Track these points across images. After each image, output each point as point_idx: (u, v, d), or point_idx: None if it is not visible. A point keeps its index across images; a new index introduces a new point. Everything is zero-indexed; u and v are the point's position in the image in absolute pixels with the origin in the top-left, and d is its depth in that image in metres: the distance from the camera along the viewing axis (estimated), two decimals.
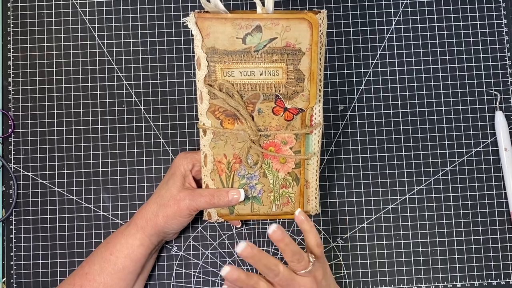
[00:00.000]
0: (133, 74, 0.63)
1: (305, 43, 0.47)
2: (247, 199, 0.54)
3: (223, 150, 0.52)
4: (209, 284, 0.60)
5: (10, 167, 0.62)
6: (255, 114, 0.50)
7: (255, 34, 0.46)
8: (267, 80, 0.48)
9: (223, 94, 0.49)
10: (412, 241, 0.61)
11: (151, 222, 0.53)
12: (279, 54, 0.47)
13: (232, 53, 0.47)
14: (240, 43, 0.47)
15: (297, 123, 0.51)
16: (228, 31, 0.46)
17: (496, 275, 0.60)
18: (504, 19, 0.64)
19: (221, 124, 0.51)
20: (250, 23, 0.46)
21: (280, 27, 0.46)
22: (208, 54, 0.47)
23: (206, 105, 0.50)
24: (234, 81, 0.48)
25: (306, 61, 0.48)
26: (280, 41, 0.47)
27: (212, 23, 0.46)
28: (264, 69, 0.48)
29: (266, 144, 0.52)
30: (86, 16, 0.64)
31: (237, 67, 0.48)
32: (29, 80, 0.63)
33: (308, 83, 0.48)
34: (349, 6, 0.64)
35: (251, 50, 0.47)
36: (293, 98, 0.49)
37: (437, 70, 0.63)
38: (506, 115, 0.62)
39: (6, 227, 0.61)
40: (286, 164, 0.53)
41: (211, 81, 0.49)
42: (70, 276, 0.55)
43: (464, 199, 0.61)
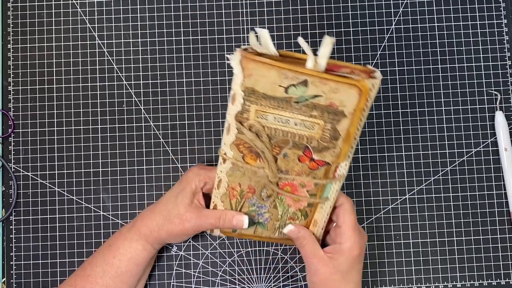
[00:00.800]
0: (133, 74, 0.63)
1: (350, 108, 0.44)
2: (252, 223, 0.54)
3: (239, 180, 0.51)
4: (209, 284, 0.60)
5: (10, 167, 0.62)
6: (279, 156, 0.48)
7: (300, 87, 0.44)
8: (301, 131, 0.46)
9: (252, 135, 0.47)
10: (412, 241, 0.61)
11: (154, 233, 0.54)
12: (319, 111, 0.45)
13: (271, 98, 0.45)
14: (281, 91, 0.44)
15: (320, 172, 0.49)
16: (272, 77, 0.43)
17: (496, 275, 0.60)
18: (504, 19, 0.64)
19: (243, 158, 0.49)
20: (297, 76, 0.43)
21: (327, 87, 0.43)
22: (246, 93, 0.45)
23: (232, 137, 0.48)
24: (266, 124, 0.46)
25: (346, 123, 0.45)
26: (324, 100, 0.44)
27: (257, 65, 0.43)
28: (300, 121, 0.45)
29: (283, 183, 0.50)
30: (86, 16, 0.64)
31: (272, 112, 0.45)
32: (29, 80, 0.63)
33: (342, 143, 0.46)
34: (349, 6, 0.64)
35: (291, 100, 0.44)
36: (323, 151, 0.47)
37: (437, 70, 0.63)
38: (506, 115, 0.62)
39: (6, 227, 0.61)
40: (299, 202, 0.52)
41: (243, 118, 0.46)
42: (71, 277, 0.55)
43: (464, 199, 0.61)
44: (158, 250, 0.57)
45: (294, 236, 0.52)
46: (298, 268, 0.61)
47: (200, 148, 0.62)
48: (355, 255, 0.50)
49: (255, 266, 0.61)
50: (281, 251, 0.61)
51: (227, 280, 0.60)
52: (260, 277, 0.61)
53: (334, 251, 0.51)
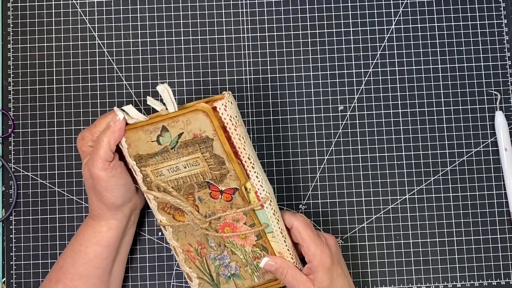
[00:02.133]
0: (133, 74, 0.63)
1: (209, 130, 0.49)
2: (228, 277, 0.55)
3: (186, 240, 0.54)
4: None
5: (10, 167, 0.62)
6: (197, 203, 0.52)
7: (165, 134, 0.49)
8: (193, 170, 0.50)
9: (161, 194, 0.51)
10: (412, 241, 0.61)
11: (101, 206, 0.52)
12: (191, 146, 0.49)
13: (154, 155, 0.50)
14: (156, 145, 0.50)
15: (238, 200, 0.51)
16: (143, 137, 0.50)
17: (496, 275, 0.60)
18: (504, 19, 0.64)
19: (173, 218, 0.53)
20: (156, 126, 0.49)
21: (181, 122, 0.49)
22: (136, 161, 0.51)
23: (154, 204, 0.53)
24: (166, 179, 0.51)
25: (218, 145, 0.49)
26: (187, 135, 0.49)
27: (128, 134, 0.50)
28: (185, 162, 0.50)
29: (220, 225, 0.53)
30: (86, 16, 0.64)
31: (163, 166, 0.50)
32: (29, 80, 0.63)
33: (230, 164, 0.50)
34: (349, 6, 0.64)
35: (168, 148, 0.50)
36: (224, 180, 0.51)
37: (437, 70, 0.63)
38: (506, 115, 0.62)
39: (6, 227, 0.61)
40: (248, 239, 0.53)
41: (148, 183, 0.51)
42: (48, 273, 0.56)
43: (464, 199, 0.61)
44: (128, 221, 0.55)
45: (273, 269, 0.52)
46: None
47: None
48: (328, 266, 0.51)
49: None
50: None
51: None
52: None
53: (310, 271, 0.52)
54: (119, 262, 0.56)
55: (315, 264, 0.51)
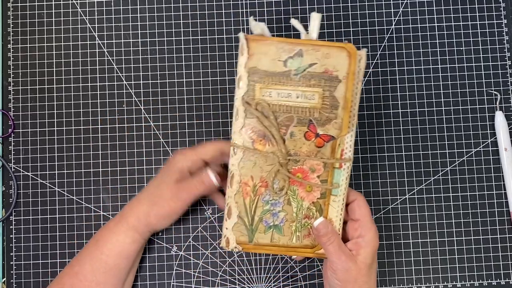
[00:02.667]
0: (133, 74, 0.63)
1: (343, 71, 0.49)
2: (269, 227, 0.53)
3: (251, 171, 0.52)
4: (209, 284, 0.60)
5: (10, 167, 0.62)
6: (287, 137, 0.51)
7: (296, 58, 0.49)
8: (303, 103, 0.50)
9: (259, 113, 0.50)
10: (412, 241, 0.61)
11: (143, 221, 0.53)
12: (317, 79, 0.49)
13: (272, 74, 0.49)
14: (281, 65, 0.49)
15: (327, 151, 0.51)
16: (272, 53, 0.49)
17: (496, 275, 0.60)
18: (504, 19, 0.64)
19: (252, 144, 0.51)
20: (293, 47, 0.49)
21: (320, 53, 0.49)
22: (250, 73, 0.49)
23: (240, 123, 0.51)
24: (270, 102, 0.50)
25: (342, 89, 0.49)
26: (319, 67, 0.49)
27: (258, 44, 0.49)
28: (301, 92, 0.50)
29: (294, 169, 0.52)
30: (86, 16, 0.64)
31: (275, 88, 0.50)
32: (29, 80, 0.63)
33: (342, 111, 0.50)
34: (349, 6, 0.64)
35: (290, 73, 0.49)
36: (326, 124, 0.50)
37: (437, 70, 0.63)
38: (506, 115, 0.62)
39: (6, 227, 0.61)
40: (311, 193, 0.52)
41: (249, 99, 0.50)
42: (59, 276, 0.55)
43: (464, 199, 0.61)
44: (147, 240, 0.56)
45: (323, 231, 0.50)
46: (298, 268, 0.61)
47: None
48: (376, 246, 0.51)
49: (255, 266, 0.61)
50: None
51: (227, 280, 0.60)
52: (260, 277, 0.61)
53: (356, 246, 0.51)
54: (132, 273, 0.57)
55: (368, 239, 0.50)
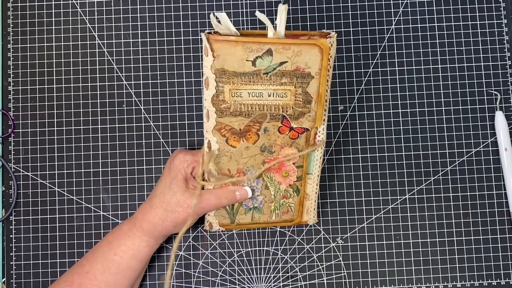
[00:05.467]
0: (133, 74, 0.63)
1: (315, 68, 0.47)
2: (249, 209, 0.55)
3: (227, 165, 0.52)
4: (209, 284, 0.60)
5: (10, 167, 0.62)
6: (261, 132, 0.50)
7: (266, 57, 0.46)
8: (275, 101, 0.48)
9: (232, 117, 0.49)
10: (412, 241, 0.61)
11: (159, 227, 0.54)
12: (288, 77, 0.47)
13: (241, 75, 0.47)
14: (249, 65, 0.47)
15: (301, 141, 0.51)
16: (238, 54, 0.46)
17: (496, 275, 0.60)
18: (504, 19, 0.64)
19: (226, 142, 0.51)
20: (261, 47, 0.46)
21: (291, 51, 0.46)
22: (217, 75, 0.47)
23: (212, 123, 0.50)
24: (242, 102, 0.48)
25: (315, 85, 0.48)
26: (290, 65, 0.47)
27: (223, 45, 0.46)
28: (272, 91, 0.48)
29: (269, 159, 0.52)
30: (86, 16, 0.64)
31: (245, 88, 0.48)
32: (29, 80, 0.63)
33: (315, 105, 0.49)
34: (349, 6, 0.64)
35: (260, 72, 0.47)
36: (299, 118, 0.50)
37: (437, 70, 0.63)
38: (506, 115, 0.62)
39: (6, 227, 0.61)
40: (288, 178, 0.53)
41: (219, 101, 0.48)
42: (67, 274, 0.55)
43: (464, 199, 0.61)
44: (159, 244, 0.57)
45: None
46: (298, 268, 0.61)
47: (200, 148, 0.62)
48: None
49: (255, 266, 0.61)
50: (281, 251, 0.61)
51: (227, 280, 0.60)
52: (260, 277, 0.61)
53: None
54: (140, 275, 0.57)
55: None
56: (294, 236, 0.61)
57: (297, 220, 0.56)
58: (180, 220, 0.53)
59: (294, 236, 0.61)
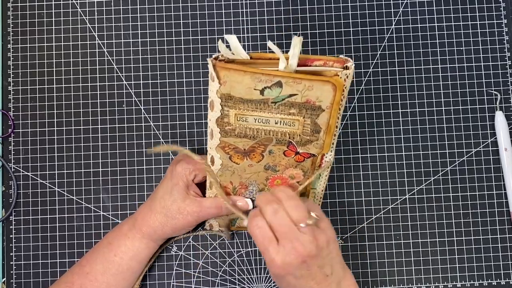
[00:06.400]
0: (133, 74, 0.63)
1: (326, 102, 0.45)
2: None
3: (230, 178, 0.52)
4: (209, 284, 0.60)
5: (10, 167, 0.62)
6: (265, 153, 0.49)
7: (275, 88, 0.44)
8: (282, 129, 0.47)
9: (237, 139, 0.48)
10: (412, 241, 0.61)
11: (159, 232, 0.54)
12: (297, 108, 0.45)
13: (248, 102, 0.45)
14: (257, 94, 0.44)
15: (307, 164, 0.50)
16: (246, 82, 0.44)
17: (496, 275, 0.60)
18: (504, 19, 0.64)
19: (230, 159, 0.50)
20: (270, 78, 0.43)
21: (302, 86, 0.44)
22: (223, 99, 0.45)
23: (216, 141, 0.49)
24: (247, 126, 0.47)
25: (325, 117, 0.46)
26: (300, 98, 0.44)
27: (230, 73, 0.43)
28: (280, 119, 0.46)
29: (273, 177, 0.52)
30: (86, 16, 0.64)
31: (251, 114, 0.46)
32: (29, 80, 0.63)
33: (324, 135, 0.47)
34: (349, 6, 0.64)
35: (268, 101, 0.45)
36: (307, 145, 0.48)
37: (437, 70, 0.63)
38: (506, 115, 0.62)
39: (6, 227, 0.61)
40: None
41: (224, 123, 0.47)
42: (67, 275, 0.55)
43: (464, 199, 0.61)
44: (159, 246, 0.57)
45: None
46: None
47: (200, 148, 0.62)
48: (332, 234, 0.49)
49: (255, 266, 0.61)
50: None
51: (227, 280, 0.60)
52: (260, 277, 0.61)
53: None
54: (139, 277, 0.57)
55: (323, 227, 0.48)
56: None
57: None
58: (179, 226, 0.53)
59: None
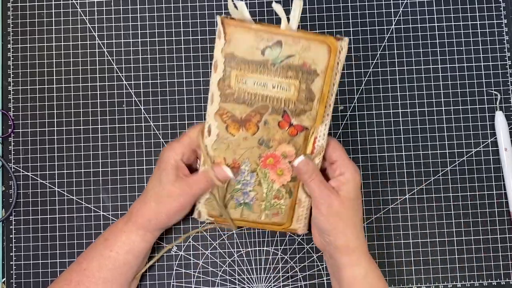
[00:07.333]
0: (133, 74, 0.63)
1: (321, 66, 0.48)
2: (239, 204, 0.55)
3: (224, 153, 0.52)
4: (209, 284, 0.60)
5: (10, 167, 0.62)
6: (261, 124, 0.51)
7: (275, 48, 0.47)
8: (278, 94, 0.49)
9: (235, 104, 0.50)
10: (412, 241, 0.61)
11: (154, 221, 0.53)
12: (294, 71, 0.48)
13: (250, 62, 0.48)
14: (259, 53, 0.48)
15: (300, 139, 0.51)
16: (250, 41, 0.47)
17: (496, 275, 0.60)
18: (504, 19, 0.64)
19: (226, 128, 0.51)
20: (272, 36, 0.47)
21: (300, 46, 0.47)
22: (226, 59, 0.48)
23: (215, 107, 0.51)
24: (246, 89, 0.49)
25: (319, 83, 0.49)
26: (297, 59, 0.48)
27: (237, 29, 0.47)
28: (277, 82, 0.49)
29: (266, 154, 0.52)
30: (86, 16, 0.64)
31: (251, 76, 0.49)
32: (29, 80, 0.63)
33: (317, 104, 0.50)
34: (349, 6, 0.64)
35: (268, 63, 0.48)
36: (300, 115, 0.50)
37: (437, 70, 0.63)
38: (506, 115, 0.62)
39: (6, 227, 0.61)
40: (282, 176, 0.53)
41: (225, 85, 0.49)
42: (65, 273, 0.55)
43: (464, 199, 0.61)
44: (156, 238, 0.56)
45: (305, 169, 0.51)
46: (298, 268, 0.61)
47: None
48: (358, 181, 0.51)
49: (255, 266, 0.61)
50: (281, 251, 0.61)
51: (227, 280, 0.61)
52: (260, 277, 0.61)
53: (338, 183, 0.51)
54: (136, 279, 0.57)
55: (348, 175, 0.51)
56: (294, 236, 0.61)
57: (286, 225, 0.55)
58: (173, 211, 0.53)
59: (294, 236, 0.61)
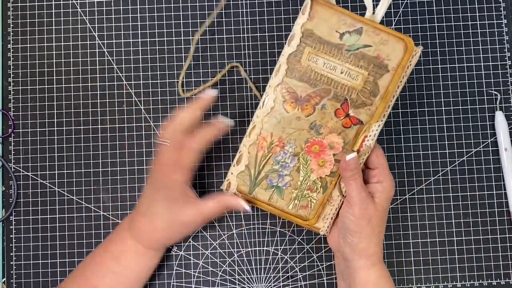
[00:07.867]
0: (133, 74, 0.63)
1: (394, 63, 0.49)
2: (271, 186, 0.53)
3: (273, 128, 0.52)
4: (209, 284, 0.60)
5: (10, 167, 0.62)
6: (318, 107, 0.51)
7: (354, 35, 0.49)
8: (344, 80, 0.50)
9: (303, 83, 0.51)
10: (412, 241, 0.61)
11: (167, 244, 0.56)
12: (366, 61, 0.49)
13: (326, 43, 0.50)
14: (337, 37, 0.49)
15: (351, 133, 0.51)
16: (332, 22, 0.49)
17: (496, 275, 0.60)
18: (504, 19, 0.64)
19: (282, 104, 0.52)
20: (354, 23, 0.49)
21: (379, 38, 0.49)
22: (304, 34, 0.50)
23: (278, 79, 0.51)
24: (314, 69, 0.50)
25: (387, 79, 0.50)
26: (373, 51, 0.49)
27: (323, 9, 0.49)
28: (346, 69, 0.50)
29: (313, 140, 0.52)
30: (86, 16, 0.64)
31: (323, 57, 0.50)
32: (29, 80, 0.63)
33: (379, 100, 0.50)
34: (349, 6, 0.64)
35: (343, 48, 0.50)
36: (359, 108, 0.51)
37: (437, 70, 0.63)
38: (506, 115, 0.62)
39: (6, 227, 0.61)
40: (322, 168, 0.53)
41: (295, 60, 0.50)
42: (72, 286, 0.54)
43: (464, 199, 0.61)
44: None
45: (353, 166, 0.50)
46: (298, 268, 0.61)
47: None
48: (392, 194, 0.52)
49: (255, 266, 0.61)
50: (281, 251, 0.61)
51: (227, 280, 0.61)
52: (260, 277, 0.61)
53: (374, 190, 0.51)
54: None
55: (385, 185, 0.51)
56: (294, 236, 0.61)
57: (312, 221, 0.54)
58: (185, 236, 0.56)
59: (294, 236, 0.61)
